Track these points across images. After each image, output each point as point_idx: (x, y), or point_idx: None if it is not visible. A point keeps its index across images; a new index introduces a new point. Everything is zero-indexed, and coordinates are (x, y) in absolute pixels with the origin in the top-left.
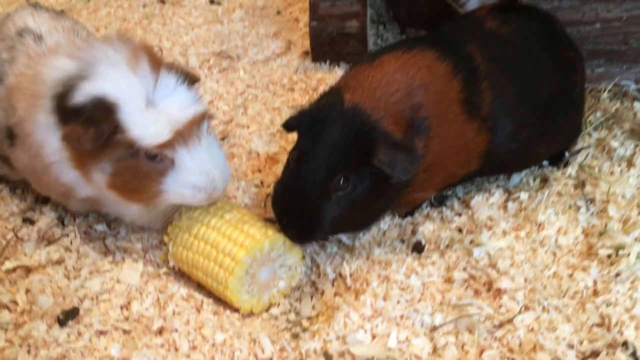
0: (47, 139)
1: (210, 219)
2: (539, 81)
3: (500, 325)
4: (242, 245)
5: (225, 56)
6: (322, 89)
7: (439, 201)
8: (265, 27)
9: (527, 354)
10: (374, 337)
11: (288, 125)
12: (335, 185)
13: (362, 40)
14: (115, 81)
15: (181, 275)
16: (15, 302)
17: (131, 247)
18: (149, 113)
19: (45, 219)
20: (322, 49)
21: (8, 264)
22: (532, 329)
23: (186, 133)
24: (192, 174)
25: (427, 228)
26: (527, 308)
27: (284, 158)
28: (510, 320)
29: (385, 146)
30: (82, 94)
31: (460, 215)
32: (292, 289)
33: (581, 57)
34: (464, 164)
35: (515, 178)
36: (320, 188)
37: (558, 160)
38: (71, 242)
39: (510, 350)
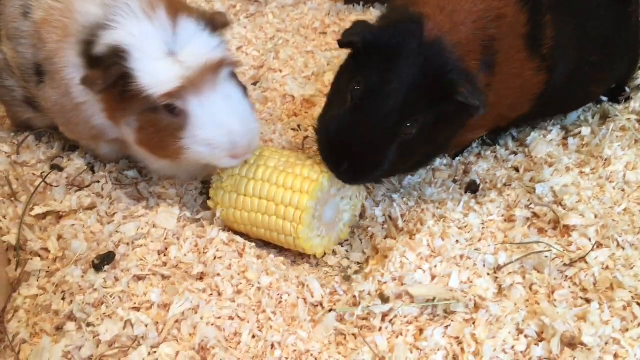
0: (77, 78)
1: (256, 171)
2: (596, 15)
3: (572, 263)
4: (301, 190)
5: (253, 1)
6: None
7: (492, 140)
8: None
9: (603, 292)
10: (433, 277)
11: (347, 42)
12: (404, 129)
13: None
14: (129, 29)
15: (222, 223)
16: (46, 250)
17: (165, 193)
18: (162, 61)
19: (74, 165)
20: None
21: (38, 210)
22: (607, 267)
23: (198, 81)
24: (205, 127)
25: (481, 167)
26: (599, 245)
27: (320, 101)
28: (582, 258)
29: (466, 83)
30: (102, 44)
31: (515, 154)
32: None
33: None
34: (517, 106)
35: (573, 115)
36: (389, 131)
37: (618, 95)
38: (102, 188)
39: (584, 290)
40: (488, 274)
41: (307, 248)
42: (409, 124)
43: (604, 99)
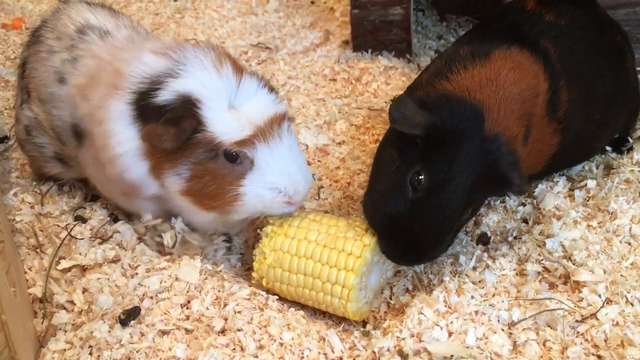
0: (117, 128)
1: (298, 246)
2: (599, 74)
3: (583, 319)
4: (347, 268)
5: (264, 48)
6: (365, 78)
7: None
8: (301, 18)
9: (614, 349)
10: (450, 334)
11: (409, 134)
12: (464, 215)
13: (405, 28)
14: (201, 80)
15: (241, 273)
16: (72, 302)
17: (187, 244)
18: (230, 112)
19: (97, 216)
20: (363, 37)
21: (64, 263)
22: (618, 323)
23: (267, 130)
24: (272, 173)
25: (491, 219)
26: (609, 301)
27: (333, 150)
28: (593, 315)
29: (519, 177)
30: (169, 92)
31: (524, 205)
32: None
33: (627, 37)
34: (532, 168)
35: (578, 166)
36: (452, 221)
37: (621, 145)
38: (125, 240)
39: (596, 346)
40: (502, 330)
41: (356, 318)
42: (468, 211)
43: (608, 148)
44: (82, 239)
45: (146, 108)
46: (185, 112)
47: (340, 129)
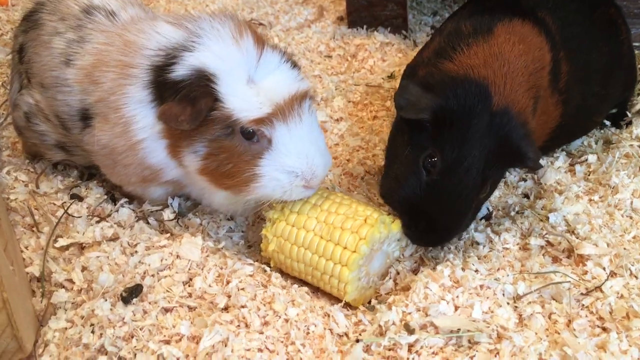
0: (139, 115)
1: (297, 235)
2: (595, 46)
3: (588, 292)
4: (341, 262)
5: (257, 24)
6: (361, 55)
7: None
8: None
9: (619, 321)
10: (456, 308)
11: (417, 119)
12: (481, 193)
13: (401, 3)
14: (217, 53)
15: (243, 250)
16: (71, 281)
17: (187, 222)
18: (249, 87)
19: (94, 194)
20: (358, 13)
21: (62, 242)
22: (622, 296)
23: (287, 109)
24: (289, 155)
25: (493, 194)
26: (613, 274)
27: (331, 127)
28: (598, 288)
29: (532, 149)
30: (184, 67)
31: (525, 180)
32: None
33: (620, 10)
34: (536, 140)
35: (577, 141)
36: (470, 199)
37: (620, 120)
38: (123, 218)
39: (601, 319)
40: (508, 304)
41: (357, 305)
42: (486, 188)
43: (607, 123)
44: (79, 217)
45: (162, 85)
46: (201, 90)
47: (338, 105)
